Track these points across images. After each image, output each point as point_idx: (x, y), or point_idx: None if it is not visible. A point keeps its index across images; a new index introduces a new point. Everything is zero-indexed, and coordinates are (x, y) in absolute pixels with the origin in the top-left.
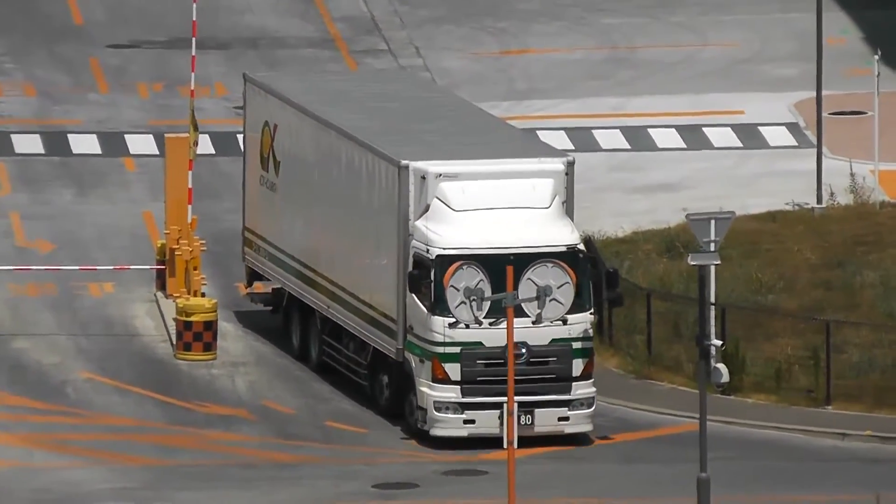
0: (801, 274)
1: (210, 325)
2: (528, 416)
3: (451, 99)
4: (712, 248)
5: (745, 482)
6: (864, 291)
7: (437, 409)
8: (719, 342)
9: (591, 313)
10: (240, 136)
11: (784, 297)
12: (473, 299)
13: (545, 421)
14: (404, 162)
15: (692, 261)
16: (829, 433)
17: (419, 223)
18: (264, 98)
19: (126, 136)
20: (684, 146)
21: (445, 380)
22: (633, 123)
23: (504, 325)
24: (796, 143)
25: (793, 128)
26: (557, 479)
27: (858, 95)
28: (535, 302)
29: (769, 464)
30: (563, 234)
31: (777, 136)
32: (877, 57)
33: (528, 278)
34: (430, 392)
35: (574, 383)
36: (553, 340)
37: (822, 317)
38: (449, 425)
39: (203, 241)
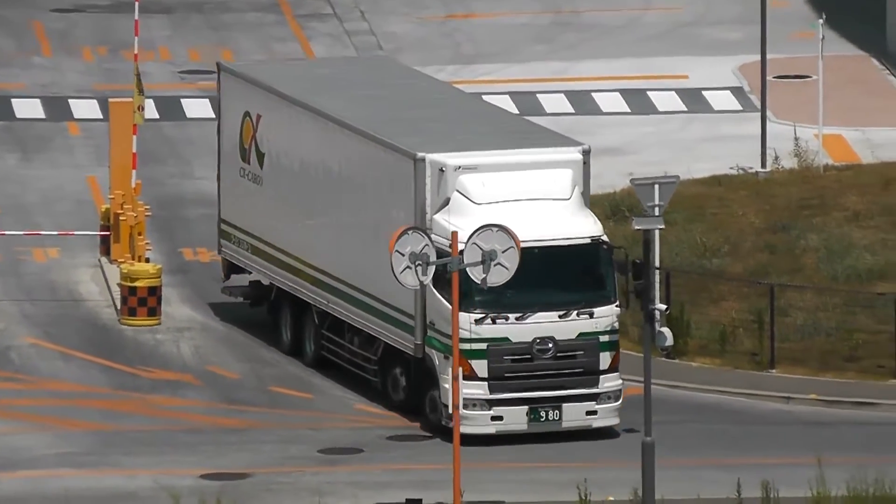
0: (746, 238)
1: (154, 291)
2: (556, 411)
3: (438, 85)
4: (657, 213)
5: (690, 446)
6: (808, 255)
7: (465, 407)
8: (664, 306)
9: (616, 305)
10: (184, 101)
11: (729, 260)
12: (419, 264)
13: (573, 416)
14: (420, 154)
15: (637, 225)
16: (774, 396)
17: (439, 217)
18: (243, 87)
19: (70, 100)
20: (628, 110)
21: (472, 376)
22: (578, 88)
23: (531, 319)
24: (740, 107)
25: (737, 92)
26: (503, 443)
27: (803, 59)
28: (480, 266)
29: (714, 427)
30: (586, 226)
31: (721, 100)
32: (821, 20)
33: (474, 243)
34: None
35: (601, 376)
36: (580, 334)
37: (766, 280)
38: (476, 422)
39: (147, 207)
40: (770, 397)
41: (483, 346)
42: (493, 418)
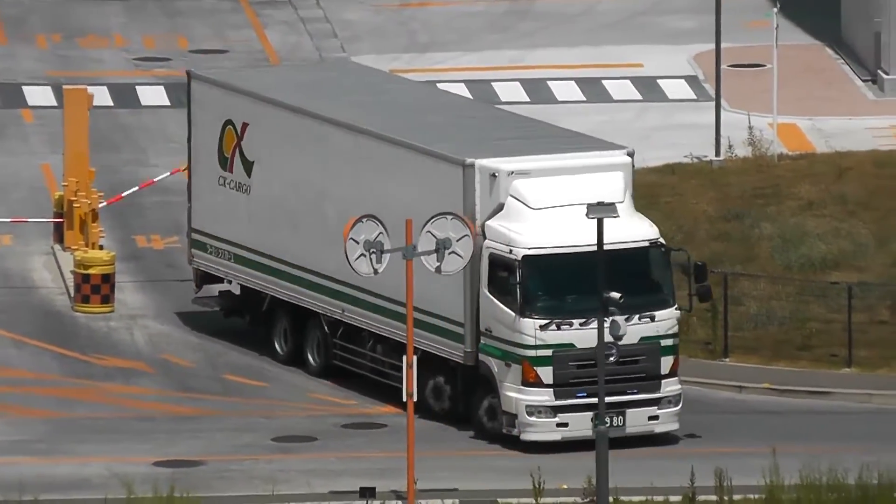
0: (700, 226)
1: (108, 278)
2: (620, 416)
3: (428, 88)
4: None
5: (645, 435)
6: (762, 244)
7: (529, 413)
8: (618, 295)
9: (675, 309)
10: (139, 89)
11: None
12: (373, 252)
13: (636, 421)
14: (469, 160)
15: (590, 213)
16: (727, 385)
17: (493, 223)
18: (223, 96)
19: (24, 87)
20: (584, 99)
21: (537, 383)
22: (533, 76)
23: (595, 325)
24: (695, 96)
25: (692, 80)
26: (455, 432)
27: (757, 48)
28: (434, 255)
29: None
30: (643, 229)
31: (676, 88)
32: (776, 9)
33: (428, 231)
34: (520, 396)
35: (663, 381)
36: (642, 339)
37: (719, 269)
38: (541, 429)
39: (101, 194)
40: (723, 386)
41: (549, 352)
42: (559, 425)
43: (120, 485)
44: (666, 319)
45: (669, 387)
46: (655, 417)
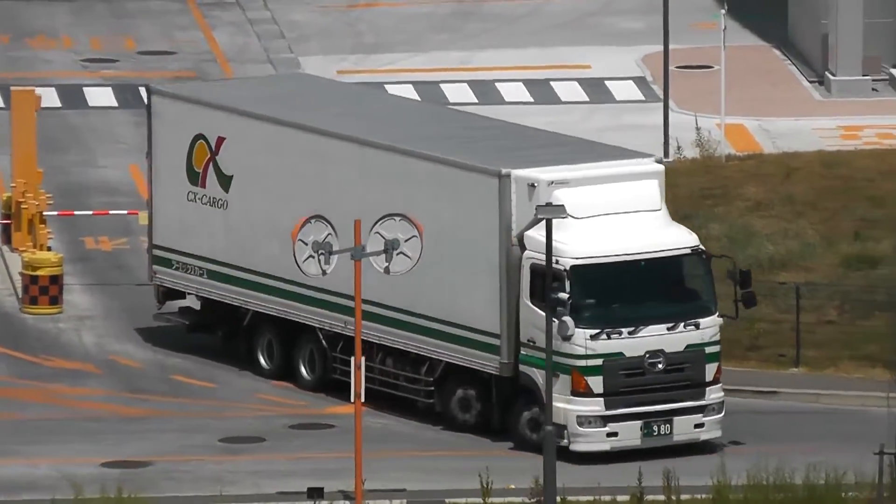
0: None
1: (56, 279)
2: (668, 424)
3: (412, 102)
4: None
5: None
6: (711, 244)
7: (580, 424)
8: (566, 295)
9: (718, 316)
10: (86, 90)
11: None
12: (321, 253)
13: (683, 429)
14: (505, 170)
15: (539, 214)
16: None
17: (534, 233)
18: (193, 110)
19: None
20: (531, 100)
21: (587, 393)
22: (481, 77)
23: (644, 333)
24: (643, 97)
25: (640, 82)
26: (403, 433)
27: (705, 49)
28: (383, 255)
29: None
30: (684, 236)
31: (624, 90)
32: (723, 11)
33: (377, 232)
34: (570, 406)
35: (707, 388)
36: (688, 346)
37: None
38: (592, 439)
39: (50, 196)
40: None
41: (599, 361)
42: (609, 434)
43: (68, 486)
44: (710, 327)
45: (714, 394)
46: (701, 425)
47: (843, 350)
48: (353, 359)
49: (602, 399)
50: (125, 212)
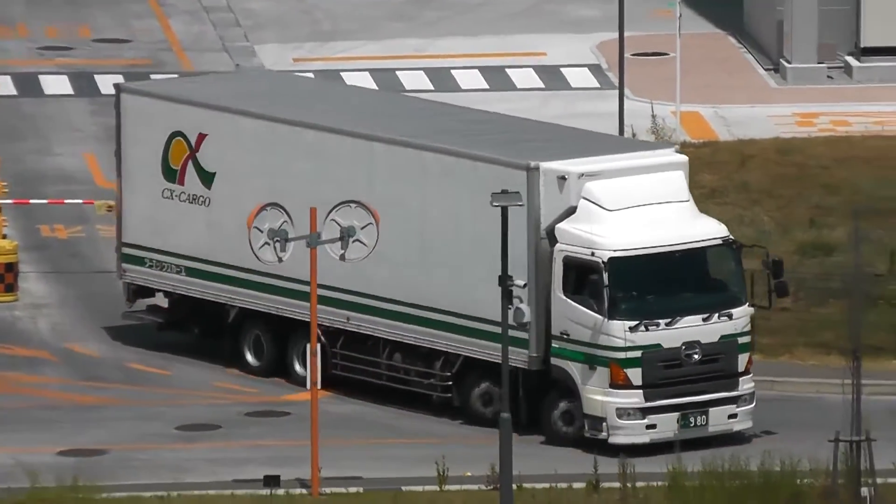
0: None
1: (11, 267)
2: (703, 416)
3: (398, 96)
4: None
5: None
6: None
7: (620, 416)
8: (521, 282)
9: (749, 306)
10: (42, 78)
11: None
12: (277, 240)
13: (717, 420)
14: (534, 163)
15: (494, 202)
16: None
17: (566, 226)
18: (170, 107)
19: None
20: (487, 87)
21: (627, 385)
22: (437, 65)
23: (680, 324)
24: (598, 85)
25: (595, 69)
26: (359, 420)
27: (661, 37)
28: (339, 242)
29: None
30: (715, 227)
31: (579, 77)
32: None
33: (332, 219)
34: (609, 399)
35: (740, 379)
36: (722, 337)
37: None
38: (632, 432)
39: (5, 184)
40: None
41: (638, 353)
42: (648, 427)
43: (24, 474)
44: (742, 317)
45: (746, 385)
46: (734, 416)
47: (799, 337)
48: (308, 346)
49: (641, 391)
50: (80, 201)
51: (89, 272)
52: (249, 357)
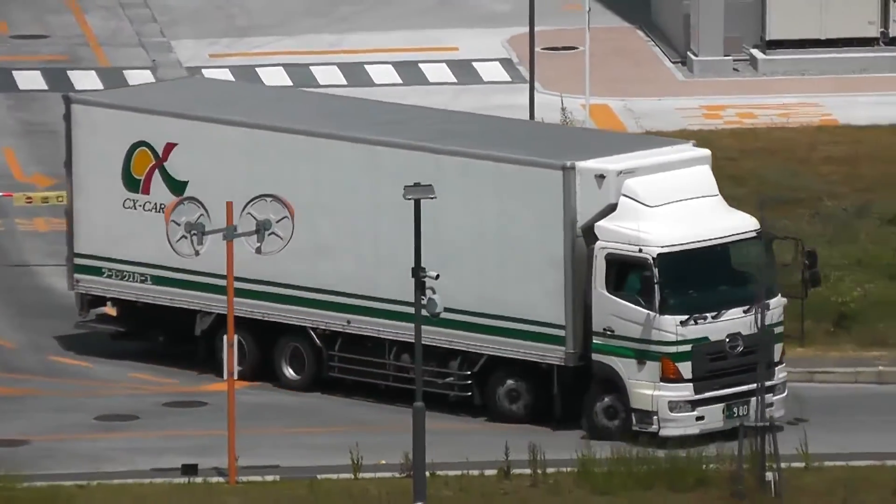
0: None
1: None
2: (745, 406)
3: (371, 102)
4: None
5: (460, 411)
6: None
7: (672, 409)
8: (434, 273)
9: (781, 296)
10: None
11: None
12: (194, 233)
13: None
14: (569, 163)
15: (407, 195)
16: None
17: (608, 224)
18: (127, 118)
19: None
20: (400, 81)
21: (678, 378)
22: (351, 60)
23: (725, 317)
24: (509, 79)
25: (506, 63)
26: (275, 409)
27: (570, 31)
28: (255, 235)
29: None
30: (748, 220)
31: (491, 71)
32: None
33: (248, 213)
34: (660, 392)
35: (776, 368)
36: (764, 327)
37: None
38: (682, 424)
39: None
40: None
41: (688, 347)
42: (697, 418)
43: None
44: (776, 308)
45: (780, 374)
46: (771, 405)
47: None
48: (225, 338)
49: (691, 384)
50: (1, 194)
51: (9, 265)
52: (231, 363)
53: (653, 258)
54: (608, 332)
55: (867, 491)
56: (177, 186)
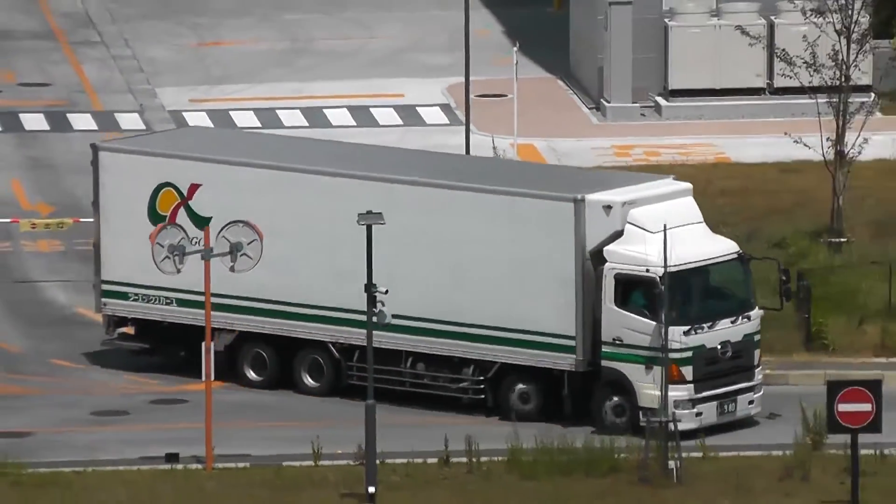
0: None
1: None
2: (733, 403)
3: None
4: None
5: (409, 407)
6: None
7: (676, 407)
8: (384, 289)
9: (759, 308)
10: None
11: None
12: (175, 254)
13: (742, 407)
14: (580, 196)
15: (360, 221)
16: None
17: (616, 248)
18: (151, 162)
19: None
20: (354, 124)
21: (681, 380)
22: (311, 105)
23: (718, 327)
24: (448, 121)
25: (445, 108)
26: (250, 406)
27: (501, 80)
28: (229, 256)
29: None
30: (730, 244)
31: (432, 115)
32: (515, 48)
33: (223, 236)
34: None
35: (755, 370)
36: (744, 336)
37: None
38: (685, 419)
39: None
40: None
41: (689, 353)
42: (697, 415)
43: None
44: (755, 318)
45: (758, 375)
46: (752, 402)
47: None
48: (203, 344)
49: (692, 385)
50: (9, 220)
51: (15, 281)
52: (250, 373)
53: (660, 277)
54: (617, 342)
55: (756, 477)
56: (201, 221)
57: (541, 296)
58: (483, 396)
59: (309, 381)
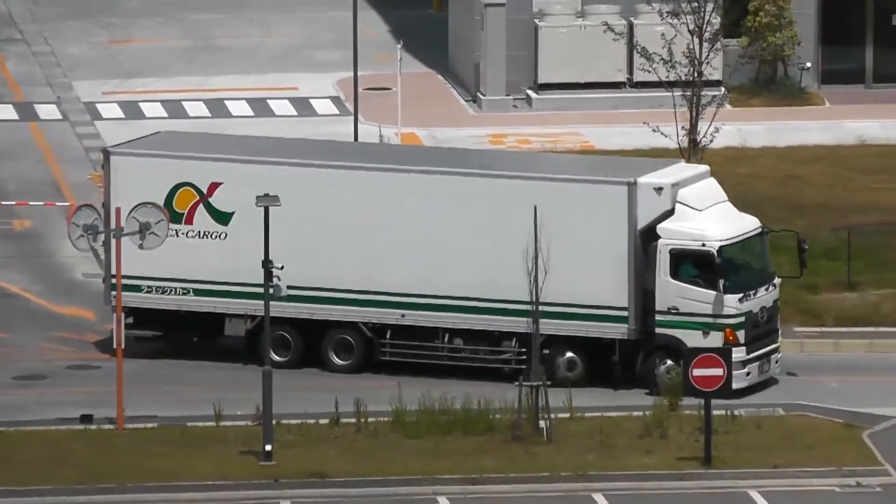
0: None
1: None
2: (768, 363)
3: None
4: (272, 193)
5: (306, 373)
6: None
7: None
8: (280, 265)
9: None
10: None
11: None
12: (90, 233)
13: (773, 366)
14: (633, 179)
15: (259, 203)
16: None
17: (669, 225)
18: (169, 164)
19: None
20: (252, 114)
21: (736, 343)
22: (213, 97)
23: (760, 294)
24: (338, 112)
25: (336, 100)
26: (154, 374)
27: (386, 75)
28: (138, 235)
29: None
30: (754, 220)
31: (323, 106)
32: (399, 46)
33: (133, 217)
34: None
35: (779, 333)
36: (774, 301)
37: None
38: (738, 379)
39: None
40: None
41: (742, 318)
42: (747, 374)
43: None
44: (777, 286)
45: (780, 337)
46: (777, 362)
47: None
48: (114, 315)
49: (745, 347)
50: None
51: None
52: (273, 354)
53: (716, 250)
54: (673, 311)
55: (618, 435)
56: (222, 217)
57: (595, 272)
58: (525, 366)
59: (336, 359)
